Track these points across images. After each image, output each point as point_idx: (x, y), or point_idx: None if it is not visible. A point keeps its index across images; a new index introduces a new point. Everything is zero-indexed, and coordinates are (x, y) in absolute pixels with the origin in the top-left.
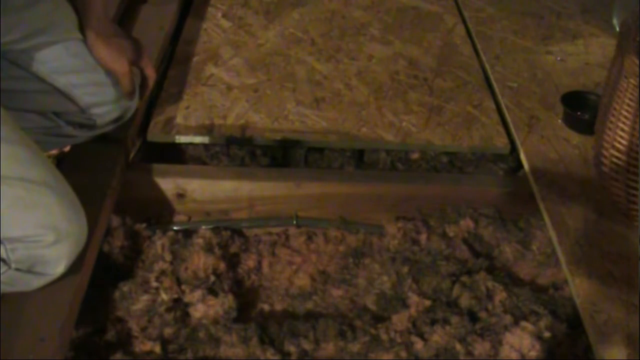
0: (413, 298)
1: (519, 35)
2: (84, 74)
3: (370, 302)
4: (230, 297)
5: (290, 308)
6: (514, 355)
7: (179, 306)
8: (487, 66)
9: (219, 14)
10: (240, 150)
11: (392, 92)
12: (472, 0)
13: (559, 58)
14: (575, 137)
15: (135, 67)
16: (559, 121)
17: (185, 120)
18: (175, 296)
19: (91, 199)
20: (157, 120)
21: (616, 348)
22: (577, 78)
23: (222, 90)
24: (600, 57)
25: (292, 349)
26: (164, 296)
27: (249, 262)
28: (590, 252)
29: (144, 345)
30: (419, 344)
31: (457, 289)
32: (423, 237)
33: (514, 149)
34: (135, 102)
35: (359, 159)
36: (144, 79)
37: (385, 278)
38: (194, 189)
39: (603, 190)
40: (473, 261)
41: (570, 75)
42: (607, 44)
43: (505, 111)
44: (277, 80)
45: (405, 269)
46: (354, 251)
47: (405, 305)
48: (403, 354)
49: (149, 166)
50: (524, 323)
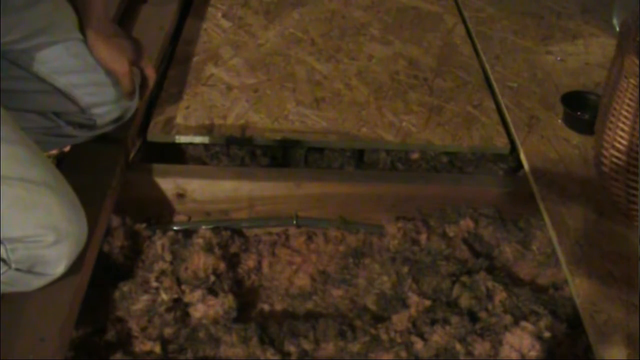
0: (413, 298)
1: (519, 35)
2: (84, 74)
3: (370, 302)
4: (230, 297)
5: (290, 308)
6: (514, 355)
7: (179, 306)
8: (487, 66)
9: (219, 14)
10: (240, 150)
11: (392, 92)
12: (472, 0)
13: (559, 58)
14: (575, 137)
15: (135, 67)
16: (559, 121)
17: (185, 120)
18: (175, 296)
19: (91, 199)
20: (157, 120)
21: (616, 348)
22: (577, 78)
23: (222, 90)
24: (600, 57)
25: (292, 349)
26: (164, 296)
27: (249, 262)
28: (590, 252)
29: (144, 345)
30: (419, 344)
31: (457, 289)
32: (423, 237)
33: (514, 149)
34: (135, 102)
35: (359, 159)
36: (144, 79)
37: (385, 278)
38: (194, 189)
39: (603, 190)
40: (473, 261)
41: (570, 75)
42: (607, 44)
43: (505, 111)
44: (277, 80)
45: (405, 269)
46: (354, 251)
47: (405, 305)
48: (403, 354)
49: (149, 166)
50: (524, 323)
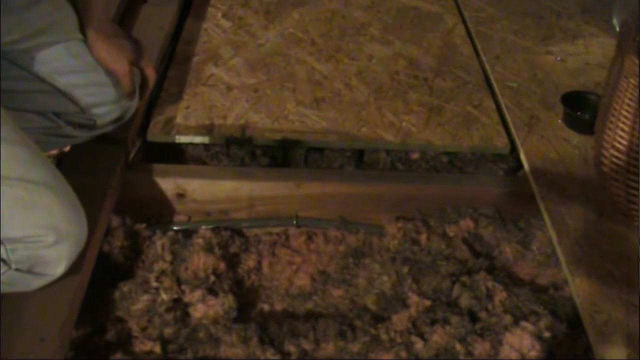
0: (413, 298)
1: (519, 35)
2: (84, 74)
3: (370, 302)
4: (230, 297)
5: (290, 308)
6: (514, 355)
7: (179, 306)
8: (487, 66)
9: (219, 14)
10: (240, 150)
11: (392, 92)
12: (472, 0)
13: (559, 58)
14: (575, 137)
15: (135, 68)
16: (559, 121)
17: (185, 120)
18: (175, 296)
19: (91, 199)
20: (157, 120)
21: (616, 348)
22: (577, 78)
23: (222, 90)
24: (600, 57)
25: (292, 349)
26: (164, 296)
27: (249, 262)
28: (590, 252)
29: (144, 345)
30: (419, 344)
31: (457, 289)
32: (423, 237)
33: (514, 149)
34: (136, 102)
35: (359, 159)
36: (144, 79)
37: (385, 278)
38: (194, 189)
39: (603, 190)
40: (473, 261)
41: (570, 75)
42: (607, 44)
43: (505, 111)
44: (277, 80)
45: (405, 269)
46: (354, 251)
47: (405, 305)
48: (403, 354)
49: (149, 166)
50: (524, 323)
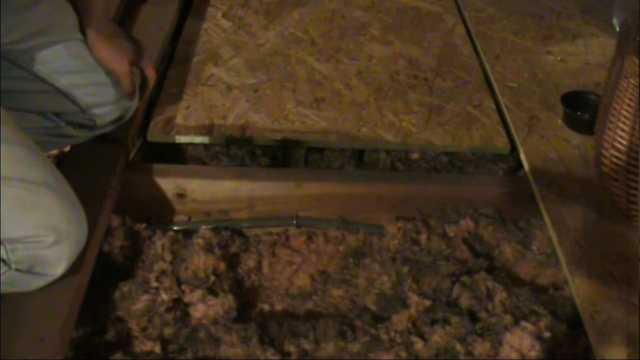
0: (413, 298)
1: (519, 35)
2: (84, 74)
3: (370, 302)
4: (230, 297)
5: (290, 308)
6: (514, 355)
7: (179, 306)
8: (487, 66)
9: (219, 14)
10: (240, 150)
11: (392, 92)
12: (472, 0)
13: (559, 58)
14: (575, 137)
15: (135, 68)
16: (559, 121)
17: (185, 120)
18: (175, 296)
19: (91, 199)
20: (157, 120)
21: (616, 348)
22: (577, 78)
23: (222, 90)
24: (600, 57)
25: (292, 349)
26: (164, 296)
27: (249, 262)
28: (590, 252)
29: (144, 345)
30: (419, 344)
31: (457, 289)
32: (423, 237)
33: (514, 149)
34: (136, 102)
35: (359, 159)
36: (144, 79)
37: (385, 278)
38: (194, 189)
39: (603, 190)
40: (473, 261)
41: (570, 75)
42: (607, 44)
43: (505, 111)
44: (277, 80)
45: (405, 269)
46: (354, 251)
47: (405, 305)
48: (403, 354)
49: (149, 166)
50: (524, 323)
